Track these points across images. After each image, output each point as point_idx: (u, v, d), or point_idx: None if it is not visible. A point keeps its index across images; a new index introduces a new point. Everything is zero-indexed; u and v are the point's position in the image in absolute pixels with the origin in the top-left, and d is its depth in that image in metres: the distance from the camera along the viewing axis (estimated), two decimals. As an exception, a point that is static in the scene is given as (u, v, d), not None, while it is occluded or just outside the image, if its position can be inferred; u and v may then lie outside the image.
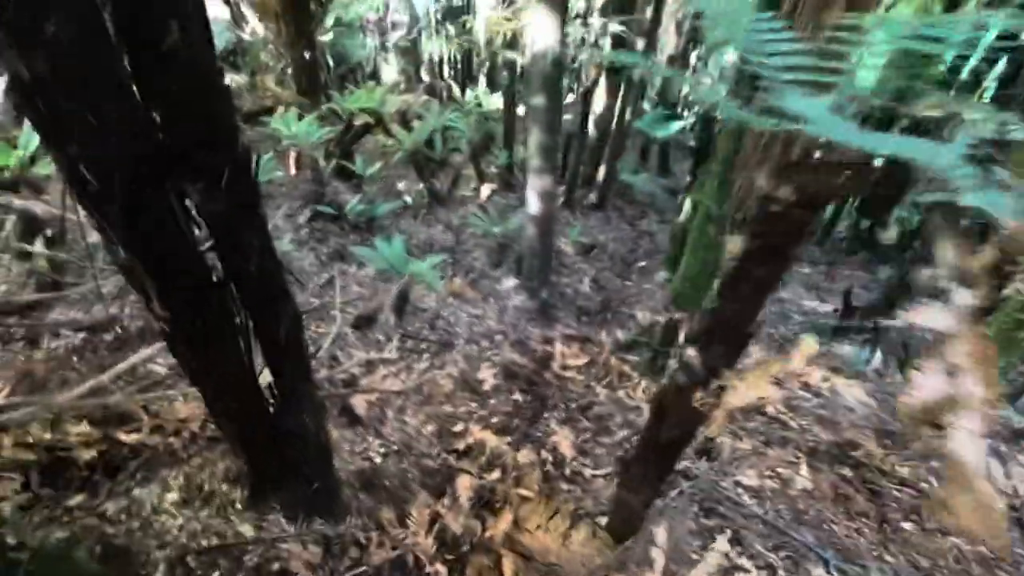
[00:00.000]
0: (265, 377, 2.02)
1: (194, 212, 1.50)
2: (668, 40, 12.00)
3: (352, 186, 6.33)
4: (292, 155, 6.18)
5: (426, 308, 4.78)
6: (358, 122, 7.32)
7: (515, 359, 4.38)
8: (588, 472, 3.27)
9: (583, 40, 7.11)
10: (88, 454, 2.53)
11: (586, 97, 7.31)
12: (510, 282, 5.31)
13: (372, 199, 6.17)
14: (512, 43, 6.67)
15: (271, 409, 2.07)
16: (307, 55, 8.37)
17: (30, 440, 2.45)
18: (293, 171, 6.29)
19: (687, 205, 6.74)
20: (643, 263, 7.34)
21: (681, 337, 4.27)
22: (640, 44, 7.11)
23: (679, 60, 12.54)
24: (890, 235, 9.64)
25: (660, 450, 2.07)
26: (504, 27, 5.10)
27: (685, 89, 10.89)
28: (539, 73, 3.88)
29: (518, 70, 8.14)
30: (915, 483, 3.38)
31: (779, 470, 3.43)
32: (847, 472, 3.47)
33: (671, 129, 10.90)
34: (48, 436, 2.51)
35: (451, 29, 12.42)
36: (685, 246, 7.04)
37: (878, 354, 5.80)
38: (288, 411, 2.09)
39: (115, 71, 1.18)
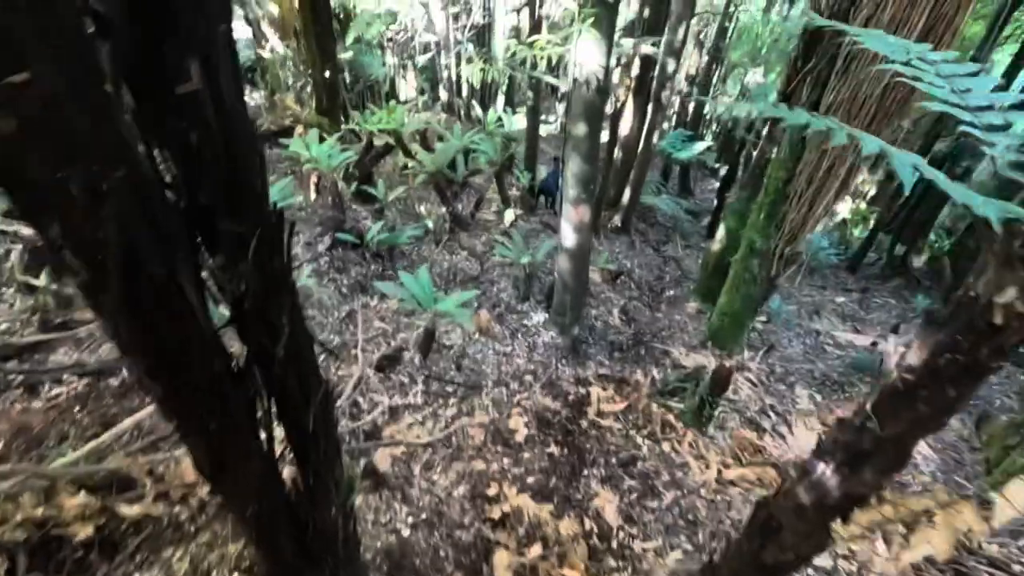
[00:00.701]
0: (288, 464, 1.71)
1: (212, 287, 1.21)
2: (690, 59, 11.77)
3: (372, 211, 6.05)
4: (312, 179, 5.92)
5: (451, 345, 4.46)
6: (378, 143, 7.08)
7: (548, 404, 4.04)
8: (638, 546, 2.91)
9: (617, 61, 6.83)
10: (84, 531, 2.22)
11: (614, 121, 7.02)
12: (539, 316, 4.99)
13: (393, 225, 5.89)
14: (548, 65, 6.41)
15: (294, 498, 1.76)
16: (327, 74, 8.21)
17: (19, 516, 2.15)
18: (313, 195, 6.03)
19: (720, 232, 6.42)
20: (671, 291, 7.00)
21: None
22: (672, 65, 6.83)
23: (701, 78, 12.31)
24: (923, 260, 9.24)
25: (762, 571, 1.72)
26: (551, 51, 4.82)
27: (719, 109, 10.53)
28: (582, 100, 3.59)
29: (543, 90, 7.88)
30: None
31: None
32: None
33: (694, 150, 10.61)
34: (40, 511, 2.20)
35: (471, 48, 12.27)
36: (717, 275, 6.70)
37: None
38: (313, 502, 1.78)
39: (113, 126, 0.89)
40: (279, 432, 1.58)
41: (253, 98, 8.90)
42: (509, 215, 6.36)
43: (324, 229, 5.32)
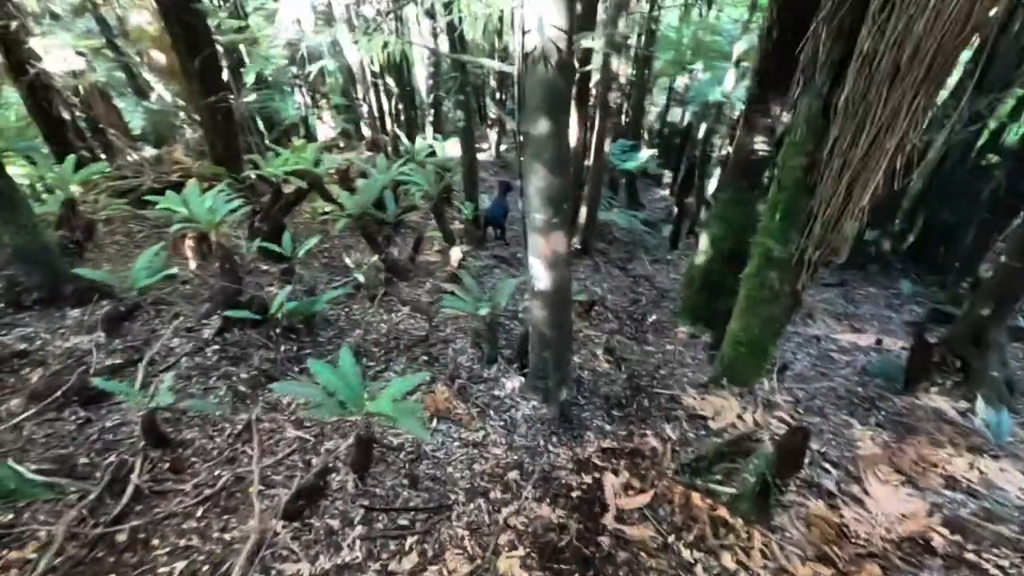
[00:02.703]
0: None
1: None
2: (620, 67, 11.03)
3: (285, 272, 4.64)
4: (188, 242, 4.47)
5: (400, 446, 3.11)
6: (289, 189, 5.71)
7: (548, 517, 2.74)
8: None
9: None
10: None
11: (560, 130, 5.92)
12: (513, 382, 3.71)
13: (311, 286, 4.50)
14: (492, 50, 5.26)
15: None
16: (219, 118, 6.79)
17: None
18: (193, 263, 4.57)
19: (703, 242, 5.39)
20: (654, 316, 5.88)
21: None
22: (614, 62, 5.84)
23: (636, 88, 11.60)
24: (895, 245, 8.60)
25: None
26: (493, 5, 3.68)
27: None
28: (539, 83, 2.41)
29: (475, 109, 6.74)
30: None
31: None
32: None
33: (640, 159, 9.76)
34: None
35: (389, 81, 11.09)
36: (705, 291, 5.66)
37: (979, 402, 4.46)
38: None
39: None
40: None
41: (137, 156, 7.31)
42: (455, 254, 5.10)
43: (214, 306, 3.88)
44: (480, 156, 13.39)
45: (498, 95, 13.32)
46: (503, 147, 12.65)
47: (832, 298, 7.43)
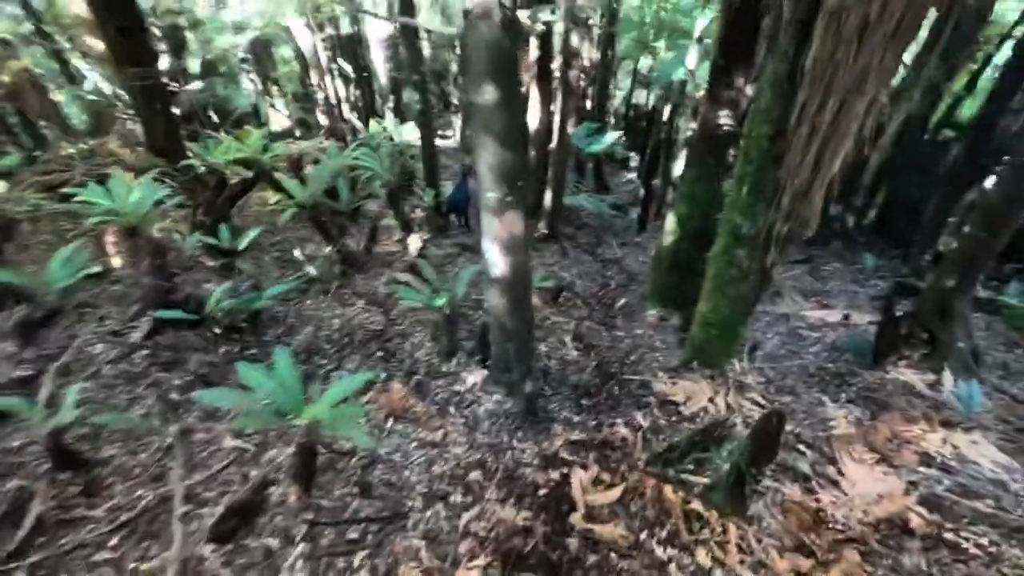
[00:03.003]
0: None
1: None
2: (582, 49, 10.78)
3: (225, 267, 4.29)
4: (109, 237, 4.07)
5: (352, 451, 2.85)
6: (237, 179, 5.33)
7: (513, 520, 2.53)
8: None
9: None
10: None
11: (523, 108, 5.67)
12: (474, 376, 3.47)
13: (257, 281, 4.17)
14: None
15: None
16: (157, 106, 6.31)
17: None
18: (116, 260, 4.16)
19: (670, 222, 5.22)
20: (623, 300, 5.71)
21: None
22: (575, 38, 5.60)
23: (599, 70, 11.37)
24: (858, 220, 8.63)
25: None
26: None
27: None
28: (482, 44, 2.15)
29: (437, 93, 6.42)
30: None
31: None
32: None
33: (606, 141, 9.56)
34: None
35: (346, 66, 10.62)
36: (674, 273, 5.50)
37: (946, 373, 4.42)
38: None
39: None
40: None
41: (68, 148, 6.76)
42: (414, 242, 4.81)
43: (143, 307, 3.52)
44: (444, 142, 13.03)
45: (460, 79, 12.94)
46: (468, 132, 12.29)
47: (800, 275, 7.39)
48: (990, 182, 6.17)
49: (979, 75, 6.58)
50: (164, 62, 8.14)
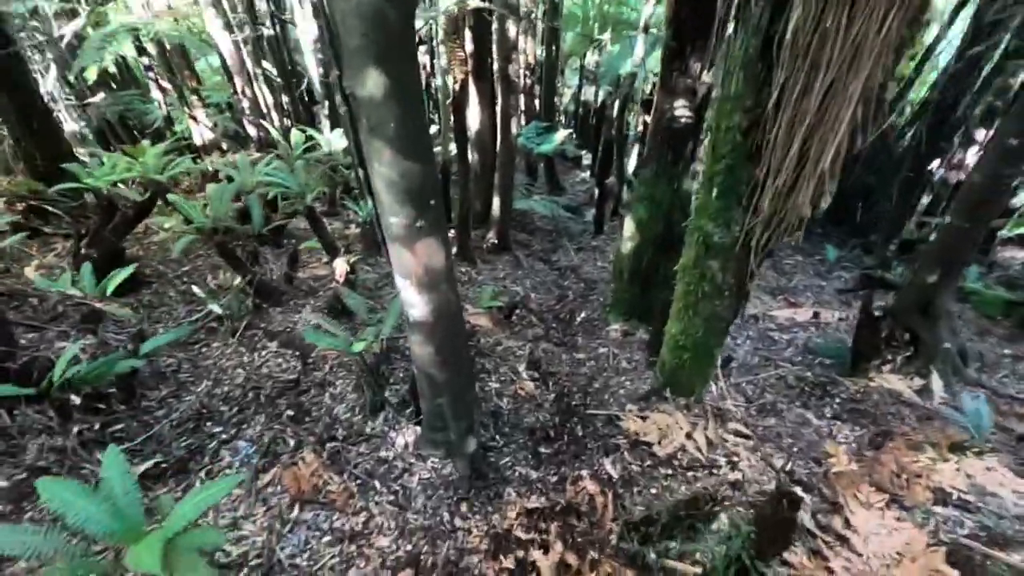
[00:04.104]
0: None
1: None
2: (526, 47, 10.20)
3: (86, 318, 3.44)
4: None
5: (243, 557, 2.13)
6: (133, 201, 4.47)
7: (451, 650, 1.87)
8: None
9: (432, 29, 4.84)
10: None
11: (457, 110, 5.00)
12: (405, 435, 2.79)
13: (142, 329, 3.36)
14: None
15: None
16: (35, 125, 5.34)
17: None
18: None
19: (628, 227, 4.66)
20: (583, 314, 5.13)
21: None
22: (512, 28, 4.97)
23: (545, 69, 10.80)
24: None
25: None
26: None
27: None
28: (356, 14, 1.48)
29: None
30: None
31: None
32: None
33: (555, 140, 8.99)
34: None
35: (273, 70, 9.69)
36: (636, 282, 4.93)
37: (934, 378, 4.01)
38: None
39: None
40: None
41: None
42: (340, 266, 4.08)
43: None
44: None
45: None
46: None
47: (763, 271, 6.99)
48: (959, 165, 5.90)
49: (929, 54, 6.29)
50: (53, 74, 7.08)
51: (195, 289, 3.87)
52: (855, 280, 6.27)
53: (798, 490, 2.72)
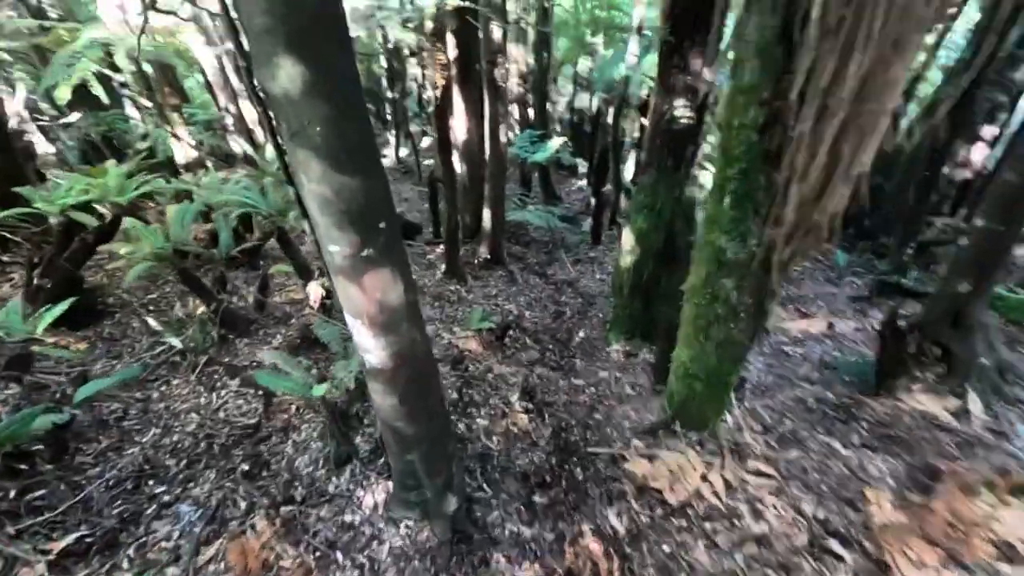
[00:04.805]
0: None
1: None
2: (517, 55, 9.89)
3: (11, 363, 3.04)
4: None
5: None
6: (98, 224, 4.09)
7: None
8: None
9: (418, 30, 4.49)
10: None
11: (441, 118, 4.62)
12: (375, 494, 2.38)
13: (85, 370, 2.96)
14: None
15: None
16: (-5, 143, 4.98)
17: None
18: None
19: (627, 239, 4.27)
20: (582, 333, 4.72)
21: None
22: (498, 32, 4.61)
23: (536, 77, 10.47)
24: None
25: None
26: None
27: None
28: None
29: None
30: None
31: None
32: None
33: (550, 149, 8.60)
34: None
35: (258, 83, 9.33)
36: (638, 297, 4.51)
37: (971, 398, 3.59)
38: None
39: None
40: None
41: None
42: (314, 291, 3.68)
43: None
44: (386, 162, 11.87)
45: (392, 92, 11.82)
46: (404, 151, 11.23)
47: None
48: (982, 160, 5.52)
49: (939, 44, 5.91)
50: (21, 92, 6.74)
51: (150, 321, 3.47)
52: (869, 287, 5.84)
53: (835, 545, 2.29)
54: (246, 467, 2.54)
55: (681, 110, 3.45)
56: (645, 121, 4.99)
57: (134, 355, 3.70)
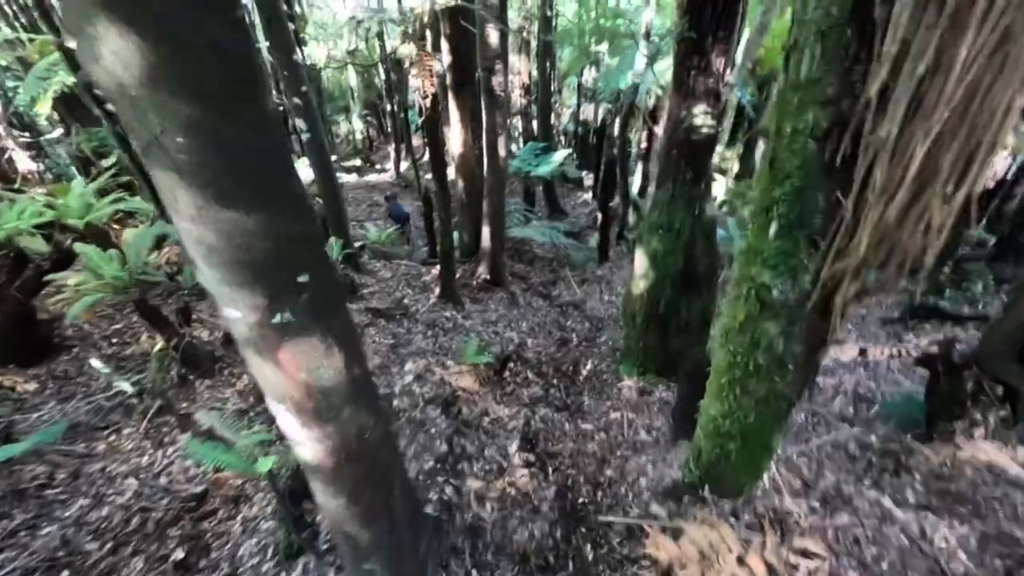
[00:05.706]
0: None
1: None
2: (520, 65, 9.49)
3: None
4: None
5: None
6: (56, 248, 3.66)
7: None
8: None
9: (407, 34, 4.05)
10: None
11: (432, 129, 4.17)
12: (334, 598, 1.87)
13: (7, 428, 2.50)
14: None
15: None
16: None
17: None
18: None
19: (640, 262, 3.79)
20: (590, 364, 4.20)
21: None
22: (494, 36, 4.16)
23: (540, 89, 10.06)
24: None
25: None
26: None
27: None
28: None
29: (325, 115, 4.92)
30: None
31: None
32: None
33: (554, 161, 8.16)
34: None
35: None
36: (654, 328, 3.97)
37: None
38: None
39: None
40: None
41: None
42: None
43: None
44: (376, 177, 11.48)
45: (392, 103, 11.44)
46: (404, 165, 10.81)
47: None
48: None
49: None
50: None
51: (94, 363, 3.01)
52: (901, 308, 5.31)
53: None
54: (181, 554, 2.05)
55: (701, 117, 2.98)
56: (657, 130, 4.51)
57: (88, 395, 3.25)
